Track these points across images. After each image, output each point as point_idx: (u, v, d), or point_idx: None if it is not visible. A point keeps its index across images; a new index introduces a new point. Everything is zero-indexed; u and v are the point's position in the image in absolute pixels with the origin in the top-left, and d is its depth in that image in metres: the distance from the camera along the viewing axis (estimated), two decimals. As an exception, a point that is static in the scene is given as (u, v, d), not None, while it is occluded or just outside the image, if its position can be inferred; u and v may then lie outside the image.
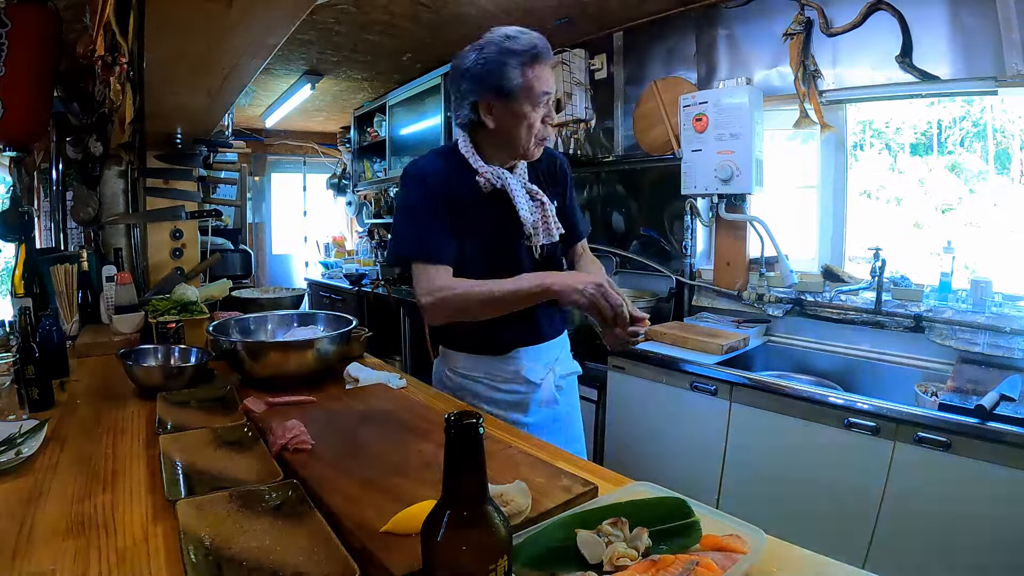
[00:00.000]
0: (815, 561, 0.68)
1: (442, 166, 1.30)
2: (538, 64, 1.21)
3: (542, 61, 1.22)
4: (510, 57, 1.20)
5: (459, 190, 1.27)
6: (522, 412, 1.34)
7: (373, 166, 4.72)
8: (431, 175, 1.29)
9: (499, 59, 1.20)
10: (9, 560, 0.68)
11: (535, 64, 1.21)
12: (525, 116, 1.23)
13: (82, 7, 2.14)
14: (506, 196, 1.28)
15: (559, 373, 1.40)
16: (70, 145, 2.32)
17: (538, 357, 1.36)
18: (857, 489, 1.59)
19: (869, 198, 2.48)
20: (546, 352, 1.38)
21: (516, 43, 1.20)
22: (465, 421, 0.46)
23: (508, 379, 1.34)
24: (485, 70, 1.21)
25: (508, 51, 1.20)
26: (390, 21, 2.84)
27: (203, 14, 1.14)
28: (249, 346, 1.40)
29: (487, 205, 1.28)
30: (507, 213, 1.28)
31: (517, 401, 1.35)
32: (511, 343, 1.33)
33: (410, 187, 1.30)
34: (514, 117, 1.23)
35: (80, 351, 1.69)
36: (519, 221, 1.28)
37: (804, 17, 2.16)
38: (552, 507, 0.76)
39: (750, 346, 2.19)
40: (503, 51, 1.20)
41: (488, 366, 1.34)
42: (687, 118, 2.38)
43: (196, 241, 2.45)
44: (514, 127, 1.24)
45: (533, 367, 1.35)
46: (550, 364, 1.38)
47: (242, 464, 0.91)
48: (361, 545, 0.67)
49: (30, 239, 2.19)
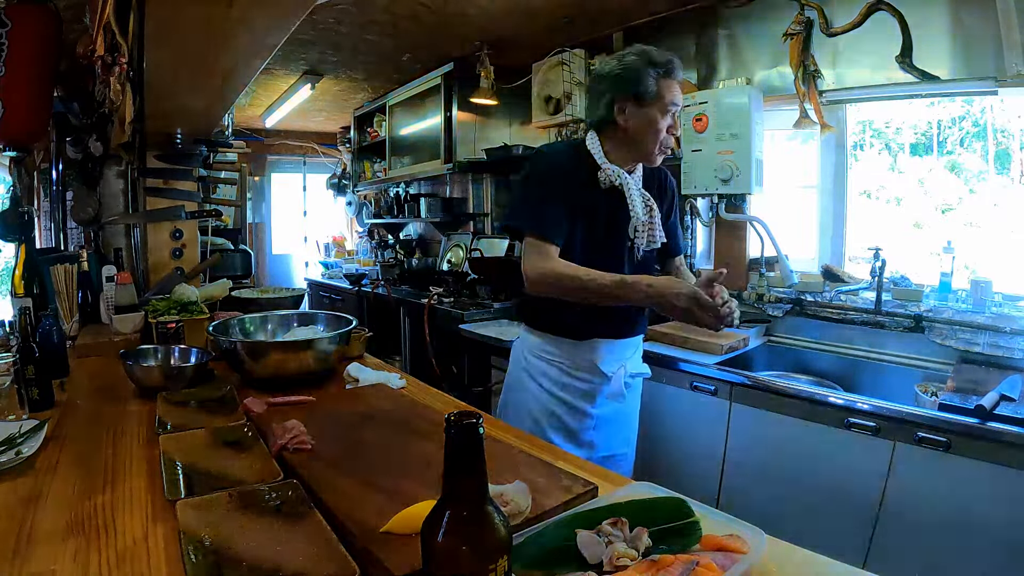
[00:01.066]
0: (815, 561, 0.68)
1: (570, 155, 1.42)
2: (671, 78, 1.33)
3: (675, 76, 1.34)
4: (649, 66, 1.32)
5: (580, 180, 1.38)
6: (590, 402, 1.44)
7: (373, 166, 4.72)
8: (558, 161, 1.42)
9: (639, 66, 1.32)
10: (9, 560, 0.68)
11: (669, 77, 1.33)
12: (654, 122, 1.34)
13: (82, 7, 2.14)
14: (621, 195, 1.37)
15: (630, 371, 1.48)
16: (70, 145, 2.32)
17: (613, 351, 1.44)
18: (857, 489, 1.59)
19: (869, 198, 2.48)
20: (621, 348, 1.46)
21: (655, 56, 1.33)
22: (465, 421, 0.46)
23: (582, 367, 1.43)
24: (625, 74, 1.33)
25: (649, 61, 1.32)
26: (390, 21, 2.84)
27: (203, 14, 1.14)
28: (249, 346, 1.40)
29: (603, 200, 1.39)
30: (619, 211, 1.39)
31: (587, 390, 1.44)
32: (591, 332, 1.42)
33: (538, 167, 1.43)
34: (645, 121, 1.34)
35: (80, 351, 1.69)
36: (627, 221, 1.39)
37: (804, 17, 2.16)
38: (552, 507, 0.76)
39: (750, 346, 2.19)
40: (644, 60, 1.32)
41: (566, 350, 1.44)
42: (687, 118, 2.38)
43: (196, 241, 2.45)
44: (643, 130, 1.35)
45: (608, 359, 1.43)
46: (623, 360, 1.46)
47: (242, 464, 0.91)
48: (361, 545, 0.67)
49: (30, 239, 2.19)
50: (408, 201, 4.33)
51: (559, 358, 1.45)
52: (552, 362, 1.45)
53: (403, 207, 4.37)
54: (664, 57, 1.33)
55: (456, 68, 3.38)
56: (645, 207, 1.40)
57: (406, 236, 4.76)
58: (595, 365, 1.43)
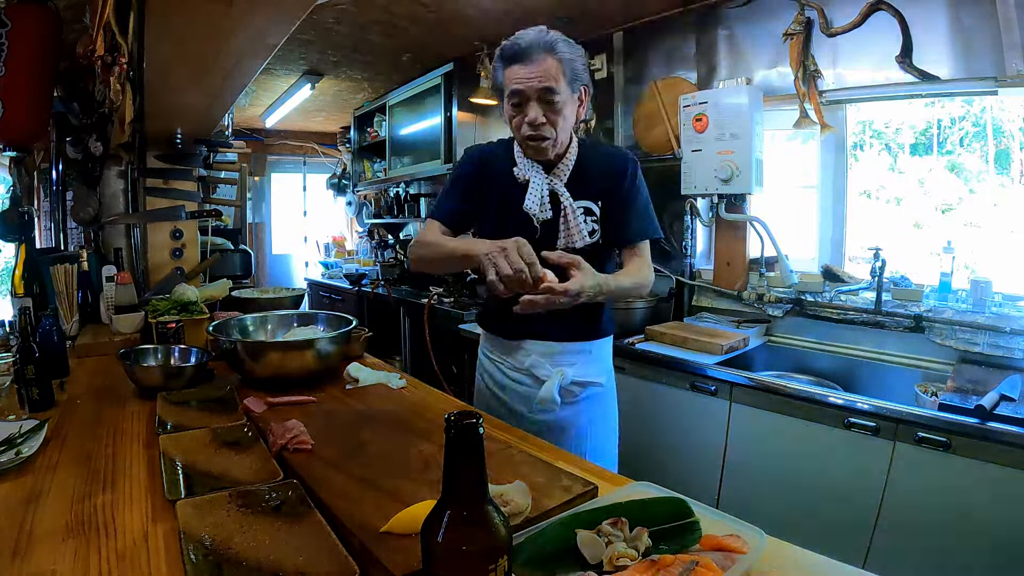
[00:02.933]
0: (815, 561, 0.68)
1: (495, 151, 1.42)
2: (515, 63, 1.23)
3: (518, 60, 1.23)
4: (498, 60, 1.28)
5: (499, 173, 1.37)
6: (527, 407, 1.38)
7: (373, 166, 4.72)
8: (476, 155, 1.44)
9: (495, 62, 1.29)
10: (9, 560, 0.68)
11: (511, 63, 1.24)
12: (508, 116, 1.30)
13: (82, 7, 2.14)
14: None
15: (572, 377, 1.37)
16: (70, 145, 2.32)
17: (549, 355, 1.38)
18: (857, 489, 1.59)
19: (869, 198, 2.48)
20: (559, 352, 1.38)
21: (503, 44, 1.26)
22: (465, 421, 0.46)
23: (517, 368, 1.40)
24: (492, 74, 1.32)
25: (498, 53, 1.28)
26: (390, 21, 2.84)
27: (203, 14, 1.14)
28: (249, 346, 1.40)
29: (519, 194, 1.35)
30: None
31: (524, 394, 1.39)
32: (520, 331, 1.39)
33: (455, 164, 1.48)
34: (506, 116, 1.31)
35: (80, 351, 1.68)
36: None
37: (804, 17, 2.16)
38: (552, 507, 0.76)
39: (750, 346, 2.19)
40: (496, 54, 1.29)
41: (503, 349, 1.43)
42: (687, 118, 2.38)
43: (196, 241, 2.45)
44: (510, 126, 1.32)
45: (540, 362, 1.37)
46: (561, 365, 1.37)
47: (242, 464, 0.91)
48: (361, 545, 0.67)
49: (30, 239, 2.19)
50: (408, 201, 4.33)
51: (498, 357, 1.44)
52: (494, 361, 1.44)
53: (403, 207, 4.37)
54: (510, 42, 1.25)
55: (456, 68, 3.39)
56: (543, 205, 1.32)
57: (406, 236, 4.75)
58: (527, 367, 1.38)
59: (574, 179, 1.34)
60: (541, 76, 1.21)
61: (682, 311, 2.63)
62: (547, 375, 1.36)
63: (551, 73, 1.21)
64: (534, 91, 1.22)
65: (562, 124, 1.27)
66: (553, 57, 1.22)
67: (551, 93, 1.22)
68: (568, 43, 1.26)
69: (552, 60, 1.22)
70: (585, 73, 1.30)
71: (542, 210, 1.32)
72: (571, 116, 1.29)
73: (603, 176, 1.36)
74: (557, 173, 1.33)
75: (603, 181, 1.36)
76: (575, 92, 1.29)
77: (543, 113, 1.24)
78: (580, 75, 1.28)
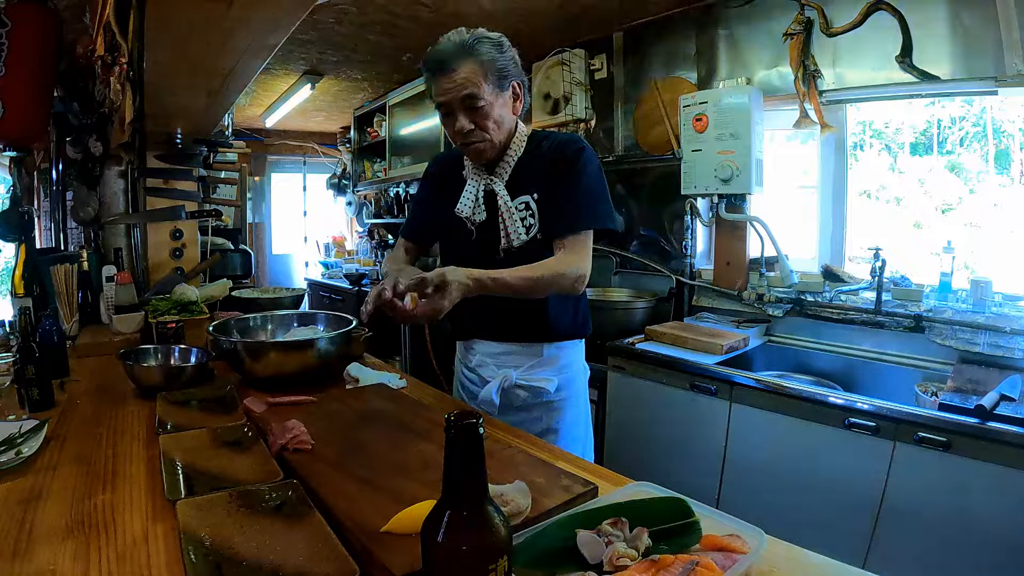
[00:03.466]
0: (815, 561, 0.68)
1: (454, 159, 1.40)
2: (438, 75, 1.20)
3: (439, 72, 1.20)
4: (423, 70, 1.25)
5: (455, 179, 1.36)
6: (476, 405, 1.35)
7: (373, 166, 4.72)
8: (439, 163, 1.45)
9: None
10: (9, 560, 0.68)
11: (434, 76, 1.22)
12: (443, 124, 1.29)
13: (82, 7, 2.14)
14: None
15: (519, 380, 1.32)
16: (70, 145, 2.32)
17: (493, 355, 1.36)
18: (857, 489, 1.59)
19: (869, 198, 2.48)
20: (504, 354, 1.35)
21: (426, 54, 1.24)
22: (465, 421, 0.46)
23: (469, 368, 1.42)
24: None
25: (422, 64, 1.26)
26: (390, 21, 2.84)
27: (203, 14, 1.14)
28: (249, 346, 1.40)
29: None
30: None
31: (474, 393, 1.39)
32: (468, 330, 1.40)
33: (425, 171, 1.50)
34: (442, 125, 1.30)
35: (80, 351, 1.68)
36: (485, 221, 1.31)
37: (804, 17, 2.16)
38: (552, 507, 0.75)
39: (750, 346, 2.19)
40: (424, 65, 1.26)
41: (461, 350, 1.45)
42: (687, 118, 2.38)
43: (196, 241, 2.46)
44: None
45: (485, 362, 1.37)
46: (506, 368, 1.33)
47: (242, 464, 0.91)
48: (361, 545, 0.67)
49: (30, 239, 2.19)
50: (408, 201, 4.33)
51: (460, 357, 1.47)
52: (458, 360, 1.48)
53: (403, 207, 4.37)
54: (430, 52, 1.23)
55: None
56: (476, 207, 1.30)
57: (406, 236, 4.75)
58: (474, 367, 1.39)
59: (517, 175, 1.30)
60: (460, 85, 1.19)
61: (682, 311, 2.63)
62: (492, 376, 1.34)
63: (471, 79, 1.18)
64: (456, 101, 1.20)
65: (493, 126, 1.24)
66: (473, 61, 1.19)
67: (474, 100, 1.20)
68: (491, 40, 1.23)
69: (471, 65, 1.19)
70: (515, 67, 1.26)
71: (475, 212, 1.31)
72: (505, 115, 1.26)
73: (545, 166, 1.29)
74: (498, 172, 1.30)
75: (546, 167, 1.29)
76: (505, 90, 1.25)
77: (469, 120, 1.21)
78: (509, 72, 1.24)
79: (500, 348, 1.36)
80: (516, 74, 1.27)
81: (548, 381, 1.33)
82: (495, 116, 1.23)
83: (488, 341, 1.37)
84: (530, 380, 1.33)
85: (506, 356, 1.35)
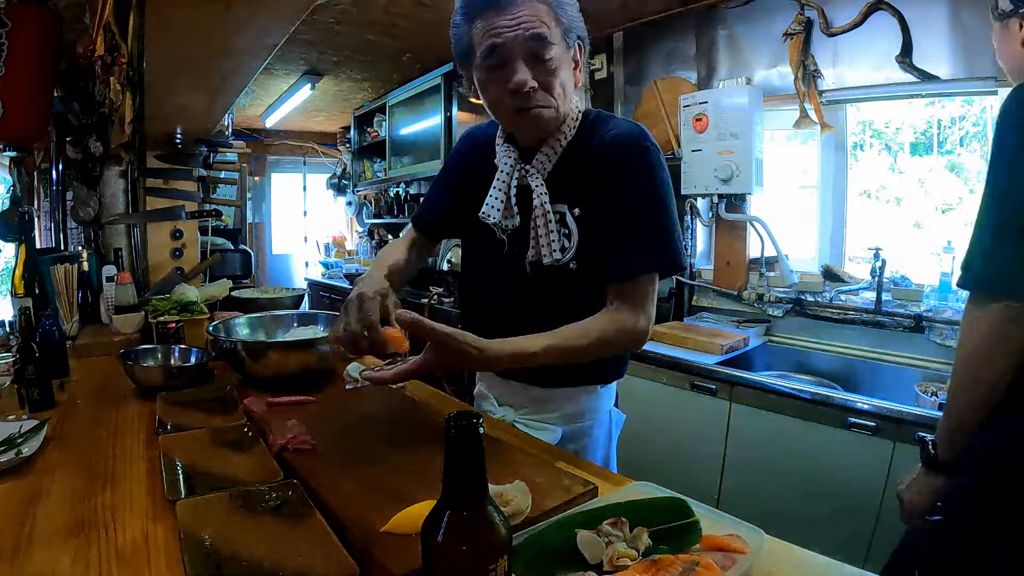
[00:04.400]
0: (815, 561, 0.68)
1: (487, 137, 1.12)
2: (492, 11, 0.90)
3: (495, 6, 0.90)
4: (459, 14, 0.96)
5: (487, 167, 1.07)
6: None
7: (373, 166, 4.72)
8: (467, 141, 1.19)
9: (454, 19, 0.98)
10: (9, 560, 0.68)
11: (483, 13, 0.91)
12: (483, 85, 0.97)
13: (82, 7, 2.14)
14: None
15: (511, 419, 1.12)
16: (70, 145, 2.32)
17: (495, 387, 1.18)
18: (857, 489, 1.58)
19: (869, 198, 2.48)
20: (506, 390, 1.15)
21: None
22: (465, 421, 0.46)
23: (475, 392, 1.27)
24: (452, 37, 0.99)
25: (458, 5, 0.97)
26: (390, 21, 2.84)
27: (203, 14, 1.14)
28: (249, 346, 1.40)
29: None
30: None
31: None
32: None
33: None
34: (480, 88, 0.99)
35: (80, 351, 1.68)
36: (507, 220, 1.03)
37: (804, 17, 2.16)
38: (552, 507, 0.75)
39: (750, 346, 2.19)
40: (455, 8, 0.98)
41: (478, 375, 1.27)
42: (687, 118, 2.38)
43: (196, 241, 2.45)
44: (486, 101, 1.00)
45: (484, 394, 1.20)
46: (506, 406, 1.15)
47: (242, 464, 0.91)
48: (361, 545, 0.67)
49: (30, 239, 2.19)
50: (408, 201, 4.33)
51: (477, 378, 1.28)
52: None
53: (403, 207, 4.37)
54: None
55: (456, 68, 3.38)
56: (507, 208, 1.01)
57: (406, 236, 4.75)
58: (476, 394, 1.24)
59: (561, 169, 1.00)
60: (527, 22, 0.89)
61: (682, 311, 2.63)
62: (489, 410, 1.16)
63: (541, 18, 0.90)
64: (519, 43, 0.90)
65: (560, 89, 0.95)
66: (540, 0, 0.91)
67: (542, 44, 0.90)
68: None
69: (541, 3, 0.91)
70: (581, 22, 0.99)
71: (506, 216, 1.01)
72: (569, 81, 0.97)
73: (594, 169, 0.98)
74: (539, 161, 1.00)
75: (596, 175, 0.98)
76: (571, 48, 0.97)
77: (533, 74, 0.92)
78: (575, 24, 0.97)
79: (499, 382, 1.16)
80: (582, 31, 0.99)
81: (548, 431, 1.08)
82: (562, 75, 0.94)
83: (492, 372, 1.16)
84: (529, 425, 1.10)
85: (508, 393, 1.14)
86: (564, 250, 0.99)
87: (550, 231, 0.98)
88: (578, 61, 1.00)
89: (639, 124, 1.02)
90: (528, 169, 1.01)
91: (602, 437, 1.14)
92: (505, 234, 1.05)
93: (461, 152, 1.19)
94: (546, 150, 1.00)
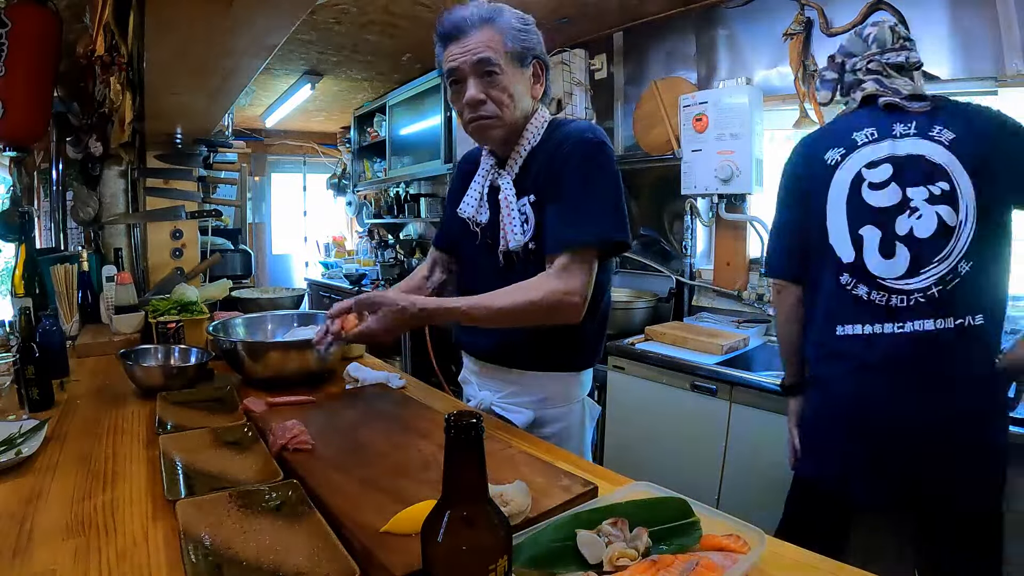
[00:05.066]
0: (815, 561, 0.68)
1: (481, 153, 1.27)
2: (450, 43, 1.08)
3: (452, 39, 1.08)
4: (436, 41, 1.13)
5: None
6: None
7: (373, 166, 4.72)
8: (467, 160, 1.33)
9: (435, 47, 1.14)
10: (9, 560, 0.68)
11: (447, 43, 1.09)
12: (452, 101, 1.15)
13: (82, 7, 2.14)
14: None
15: (488, 404, 1.23)
16: (70, 145, 2.32)
17: (481, 372, 1.27)
18: (857, 489, 1.58)
19: (869, 198, 2.47)
20: (482, 374, 1.27)
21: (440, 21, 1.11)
22: (465, 421, 0.46)
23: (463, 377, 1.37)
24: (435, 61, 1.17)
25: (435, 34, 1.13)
26: (390, 21, 2.84)
27: (203, 14, 1.14)
28: (249, 346, 1.40)
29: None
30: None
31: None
32: (459, 341, 1.33)
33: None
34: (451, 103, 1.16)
35: (80, 351, 1.68)
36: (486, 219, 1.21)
37: (804, 17, 2.16)
38: (552, 507, 0.75)
39: (750, 346, 2.19)
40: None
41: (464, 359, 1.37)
42: (687, 118, 2.38)
43: (196, 241, 2.46)
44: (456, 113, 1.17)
45: (467, 378, 1.33)
46: (486, 388, 1.25)
47: (242, 464, 0.91)
48: (361, 545, 0.67)
49: (30, 239, 2.19)
50: (408, 201, 4.33)
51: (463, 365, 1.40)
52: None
53: (403, 207, 4.38)
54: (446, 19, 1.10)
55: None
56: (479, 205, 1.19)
57: (406, 236, 4.76)
58: (461, 380, 1.36)
59: (526, 170, 1.15)
60: (474, 49, 1.06)
61: (682, 311, 2.63)
62: (473, 395, 1.28)
63: (488, 44, 1.06)
64: (469, 66, 1.06)
65: (507, 100, 1.08)
66: (492, 28, 1.07)
67: (488, 65, 1.06)
68: (515, 14, 1.10)
69: (490, 31, 1.06)
70: (539, 46, 1.13)
71: (479, 211, 1.19)
72: (522, 94, 1.11)
73: (548, 159, 1.12)
74: (508, 165, 1.17)
75: (546, 165, 1.12)
76: (526, 67, 1.11)
77: (480, 89, 1.07)
78: (531, 47, 1.11)
79: (476, 366, 1.29)
80: (538, 52, 1.13)
81: (518, 412, 1.18)
82: (511, 91, 1.09)
83: (471, 356, 1.30)
84: (505, 408, 1.21)
85: (485, 377, 1.26)
86: (523, 233, 1.13)
87: (512, 220, 1.13)
88: (539, 76, 1.16)
89: (592, 124, 1.22)
90: (500, 172, 1.18)
91: (576, 425, 1.23)
92: (478, 227, 1.21)
93: (462, 169, 1.34)
94: (514, 155, 1.17)
